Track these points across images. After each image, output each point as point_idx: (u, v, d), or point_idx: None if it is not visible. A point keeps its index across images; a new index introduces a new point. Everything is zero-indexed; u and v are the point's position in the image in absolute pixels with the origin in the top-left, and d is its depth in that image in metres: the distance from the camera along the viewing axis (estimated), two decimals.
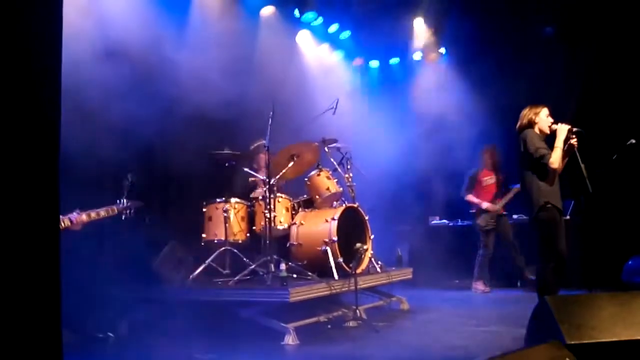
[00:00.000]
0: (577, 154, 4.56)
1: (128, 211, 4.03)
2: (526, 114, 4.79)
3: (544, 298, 3.13)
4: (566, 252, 4.55)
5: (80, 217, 3.69)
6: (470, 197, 7.66)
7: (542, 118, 4.72)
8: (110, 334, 4.57)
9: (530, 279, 7.33)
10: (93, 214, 3.82)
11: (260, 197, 5.82)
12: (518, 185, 7.38)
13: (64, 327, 1.75)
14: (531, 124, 4.73)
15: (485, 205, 7.54)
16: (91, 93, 4.82)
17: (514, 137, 4.85)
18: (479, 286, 7.61)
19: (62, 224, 3.56)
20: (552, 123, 4.69)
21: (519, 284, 7.65)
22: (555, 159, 4.49)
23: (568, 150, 4.61)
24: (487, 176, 7.69)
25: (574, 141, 4.55)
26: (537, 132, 4.71)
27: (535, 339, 3.09)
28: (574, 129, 4.58)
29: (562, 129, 4.58)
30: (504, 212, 7.63)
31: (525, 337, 3.38)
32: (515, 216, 7.94)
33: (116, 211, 3.95)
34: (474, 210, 7.70)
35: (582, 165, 4.52)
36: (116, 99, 5.10)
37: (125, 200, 4.03)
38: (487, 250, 7.60)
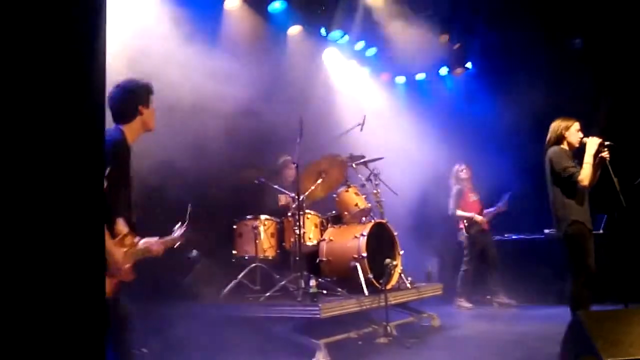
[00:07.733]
0: (610, 167, 4.48)
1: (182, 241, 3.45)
2: (556, 127, 4.71)
3: (577, 314, 3.09)
4: (594, 267, 4.46)
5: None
6: (460, 212, 7.87)
7: (573, 132, 4.65)
8: (144, 350, 4.63)
9: (505, 302, 7.52)
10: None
11: (290, 213, 5.86)
12: (501, 204, 7.85)
13: None
14: (560, 139, 4.66)
15: (477, 217, 7.77)
16: None
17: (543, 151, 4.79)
18: (463, 303, 7.68)
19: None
20: (582, 137, 4.62)
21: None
22: (585, 175, 4.41)
23: (599, 164, 4.53)
24: (472, 193, 8.00)
25: (605, 154, 4.48)
26: (566, 147, 4.64)
27: (570, 356, 3.06)
28: (605, 143, 4.51)
29: (592, 143, 4.50)
30: (488, 229, 7.91)
31: (559, 354, 3.34)
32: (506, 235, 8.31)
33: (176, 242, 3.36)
34: (462, 226, 7.89)
35: (615, 179, 4.44)
36: None
37: (181, 230, 3.43)
38: (471, 264, 7.75)
